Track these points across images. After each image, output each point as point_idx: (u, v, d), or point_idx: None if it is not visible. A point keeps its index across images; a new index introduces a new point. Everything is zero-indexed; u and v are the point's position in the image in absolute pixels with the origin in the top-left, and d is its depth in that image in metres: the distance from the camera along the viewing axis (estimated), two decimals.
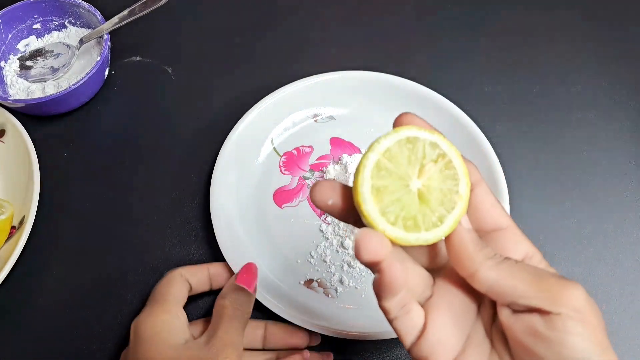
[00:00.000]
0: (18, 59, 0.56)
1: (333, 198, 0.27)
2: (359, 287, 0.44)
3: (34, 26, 0.56)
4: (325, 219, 0.47)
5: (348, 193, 0.27)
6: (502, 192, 0.45)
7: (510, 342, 0.26)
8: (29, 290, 0.45)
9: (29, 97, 0.53)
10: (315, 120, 0.52)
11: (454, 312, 0.28)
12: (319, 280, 0.44)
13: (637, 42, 0.58)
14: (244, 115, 0.50)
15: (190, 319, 0.39)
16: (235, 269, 0.42)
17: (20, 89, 0.54)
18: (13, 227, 0.46)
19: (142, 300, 0.44)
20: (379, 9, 0.61)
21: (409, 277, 0.28)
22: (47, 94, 0.51)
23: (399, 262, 0.26)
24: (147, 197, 0.49)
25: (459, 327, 0.28)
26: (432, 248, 0.30)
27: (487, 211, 0.28)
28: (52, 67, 0.55)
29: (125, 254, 0.46)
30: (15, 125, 0.49)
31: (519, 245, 0.28)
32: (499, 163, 0.46)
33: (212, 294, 0.43)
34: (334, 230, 0.46)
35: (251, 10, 0.62)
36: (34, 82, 0.54)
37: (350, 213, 0.27)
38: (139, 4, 0.53)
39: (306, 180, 0.50)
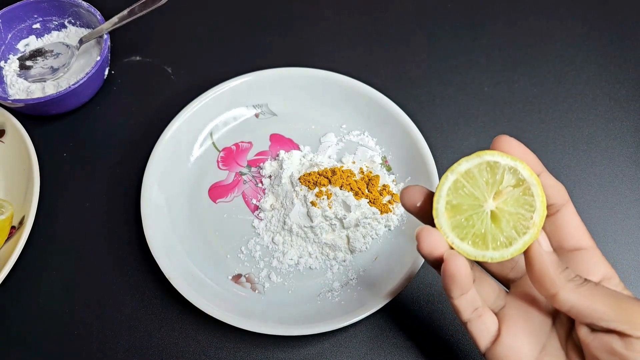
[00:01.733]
0: (18, 58, 0.56)
1: (420, 201, 0.30)
2: (286, 284, 0.44)
3: (34, 26, 0.56)
4: (258, 214, 0.47)
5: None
6: (434, 184, 0.45)
7: (587, 356, 0.27)
8: (29, 290, 0.45)
9: (29, 97, 0.53)
10: (257, 116, 0.52)
11: (529, 323, 0.29)
12: (247, 276, 0.45)
13: (637, 42, 0.58)
14: (183, 109, 0.50)
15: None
16: (161, 262, 0.42)
17: (20, 89, 0.54)
18: (13, 227, 0.46)
19: (141, 299, 0.44)
20: (378, 10, 0.61)
21: (479, 282, 0.30)
22: (47, 94, 0.51)
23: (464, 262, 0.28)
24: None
25: (534, 336, 0.29)
26: (508, 262, 0.31)
27: (571, 231, 0.30)
28: (51, 67, 0.55)
29: (125, 253, 0.46)
30: (15, 125, 0.49)
31: (597, 267, 0.29)
32: (431, 157, 0.46)
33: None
34: (265, 227, 0.47)
35: (251, 9, 0.62)
36: (33, 82, 0.54)
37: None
38: (138, 3, 0.53)
39: (242, 176, 0.50)
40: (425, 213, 0.30)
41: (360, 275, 0.44)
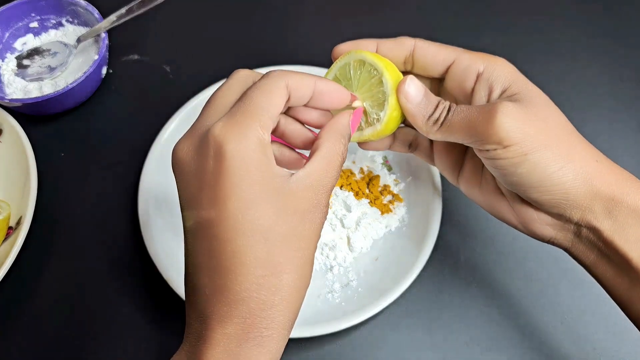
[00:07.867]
0: (15, 57, 0.55)
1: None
2: None
3: (31, 25, 0.56)
4: None
5: None
6: (434, 184, 0.45)
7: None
8: (27, 290, 0.45)
9: (26, 97, 0.53)
10: None
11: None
12: None
13: (638, 42, 0.58)
14: (181, 107, 0.49)
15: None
16: (160, 263, 0.42)
17: (18, 88, 0.53)
18: (10, 228, 0.46)
19: (142, 299, 0.44)
20: (378, 10, 0.61)
21: None
22: (45, 93, 0.51)
23: None
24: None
25: None
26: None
27: (433, 58, 0.36)
28: (49, 66, 0.55)
29: (123, 254, 0.46)
30: (12, 125, 0.49)
31: (470, 70, 0.35)
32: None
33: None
34: None
35: (251, 8, 0.61)
36: (31, 81, 0.54)
37: None
38: (136, 2, 0.52)
39: None
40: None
41: (360, 276, 0.44)
